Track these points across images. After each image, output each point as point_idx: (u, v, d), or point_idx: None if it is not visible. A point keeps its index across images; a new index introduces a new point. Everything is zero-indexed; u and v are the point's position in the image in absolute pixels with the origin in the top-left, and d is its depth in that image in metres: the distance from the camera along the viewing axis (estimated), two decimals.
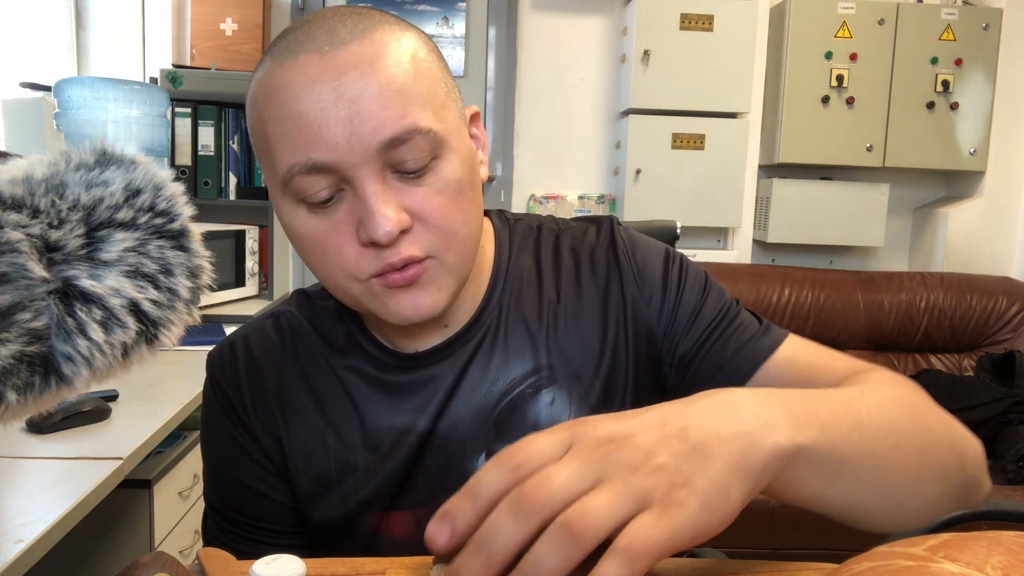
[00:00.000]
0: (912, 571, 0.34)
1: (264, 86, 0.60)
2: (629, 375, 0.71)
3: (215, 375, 0.74)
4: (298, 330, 0.74)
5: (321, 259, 0.62)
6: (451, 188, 0.61)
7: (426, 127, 0.59)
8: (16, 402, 0.39)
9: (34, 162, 0.42)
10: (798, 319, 2.54)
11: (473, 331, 0.70)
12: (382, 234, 0.57)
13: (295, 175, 0.58)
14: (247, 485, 0.72)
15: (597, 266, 0.73)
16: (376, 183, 0.58)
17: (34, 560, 0.88)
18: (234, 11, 2.60)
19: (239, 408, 0.72)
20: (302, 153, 0.57)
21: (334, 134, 0.57)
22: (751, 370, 0.67)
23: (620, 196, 2.87)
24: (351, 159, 0.57)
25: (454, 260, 0.63)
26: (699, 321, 0.71)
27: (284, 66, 0.59)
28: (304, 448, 0.71)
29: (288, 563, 0.45)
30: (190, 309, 0.45)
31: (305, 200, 0.60)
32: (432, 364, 0.70)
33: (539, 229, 0.77)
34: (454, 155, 0.62)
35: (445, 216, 0.61)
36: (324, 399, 0.71)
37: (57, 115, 1.91)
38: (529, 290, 0.73)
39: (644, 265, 0.73)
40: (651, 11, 2.69)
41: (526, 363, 0.70)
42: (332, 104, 0.57)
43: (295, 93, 0.57)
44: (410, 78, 0.59)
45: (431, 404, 0.69)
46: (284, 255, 2.87)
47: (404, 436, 0.69)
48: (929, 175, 3.06)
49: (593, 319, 0.72)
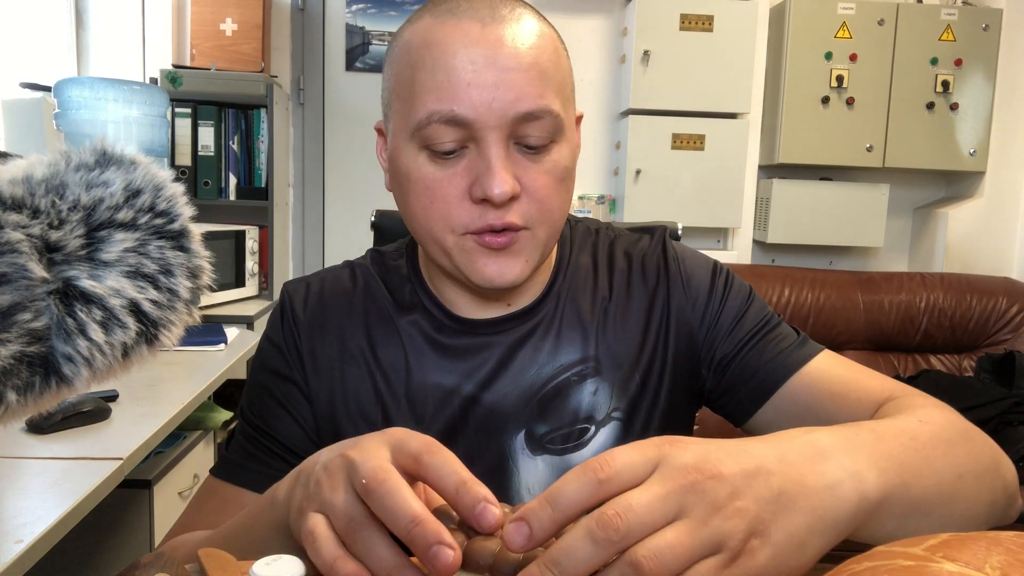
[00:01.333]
0: (911, 571, 0.34)
1: (423, 37, 0.65)
2: (667, 372, 0.76)
3: (286, 301, 0.78)
4: (369, 282, 0.79)
5: (427, 204, 0.66)
6: (559, 172, 0.67)
7: (556, 111, 0.65)
8: (16, 402, 0.39)
9: (34, 162, 0.42)
10: (798, 319, 2.54)
11: (532, 314, 0.75)
12: (498, 193, 0.62)
13: (433, 122, 0.63)
14: (276, 398, 0.76)
15: (647, 270, 0.79)
16: (502, 148, 0.64)
17: (34, 560, 0.88)
18: (234, 11, 2.60)
19: (298, 336, 0.76)
20: (447, 104, 0.63)
21: (480, 94, 0.62)
22: (783, 379, 0.72)
23: (620, 196, 2.87)
24: (487, 120, 0.63)
25: (545, 236, 0.68)
26: (739, 328, 0.76)
27: (447, 24, 0.64)
28: (355, 390, 0.74)
29: (288, 563, 0.45)
30: (190, 309, 0.45)
31: (430, 147, 0.65)
32: (488, 334, 0.74)
33: (597, 233, 0.83)
34: (567, 144, 0.68)
35: (549, 195, 0.67)
36: (380, 348, 0.75)
37: (57, 115, 1.91)
38: (585, 286, 0.78)
39: (692, 273, 0.78)
40: (651, 11, 2.69)
41: (575, 352, 0.75)
42: (484, 68, 0.62)
43: (454, 49, 0.63)
44: (552, 66, 0.66)
45: (480, 372, 0.74)
46: (284, 255, 2.87)
47: (448, 397, 0.73)
48: (929, 175, 3.06)
49: (638, 318, 0.77)
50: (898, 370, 2.57)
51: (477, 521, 0.41)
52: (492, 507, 0.41)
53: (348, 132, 2.98)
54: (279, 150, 2.70)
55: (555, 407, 0.73)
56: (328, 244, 3.04)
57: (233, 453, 0.76)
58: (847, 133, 2.77)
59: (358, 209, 2.99)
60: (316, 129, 2.99)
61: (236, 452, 0.76)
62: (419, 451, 0.44)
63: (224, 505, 0.72)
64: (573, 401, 0.74)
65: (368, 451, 0.45)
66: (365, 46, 2.97)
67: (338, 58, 2.97)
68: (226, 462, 0.75)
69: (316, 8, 2.94)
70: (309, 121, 2.99)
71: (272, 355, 0.77)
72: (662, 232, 0.82)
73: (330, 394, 0.75)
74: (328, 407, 0.75)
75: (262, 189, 2.66)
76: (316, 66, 2.97)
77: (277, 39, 2.87)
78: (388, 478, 0.42)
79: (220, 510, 0.71)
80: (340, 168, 3.00)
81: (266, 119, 2.61)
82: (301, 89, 2.96)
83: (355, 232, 2.98)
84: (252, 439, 0.75)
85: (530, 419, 0.73)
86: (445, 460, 0.43)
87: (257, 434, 0.75)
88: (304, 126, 2.99)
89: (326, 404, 0.75)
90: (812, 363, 0.72)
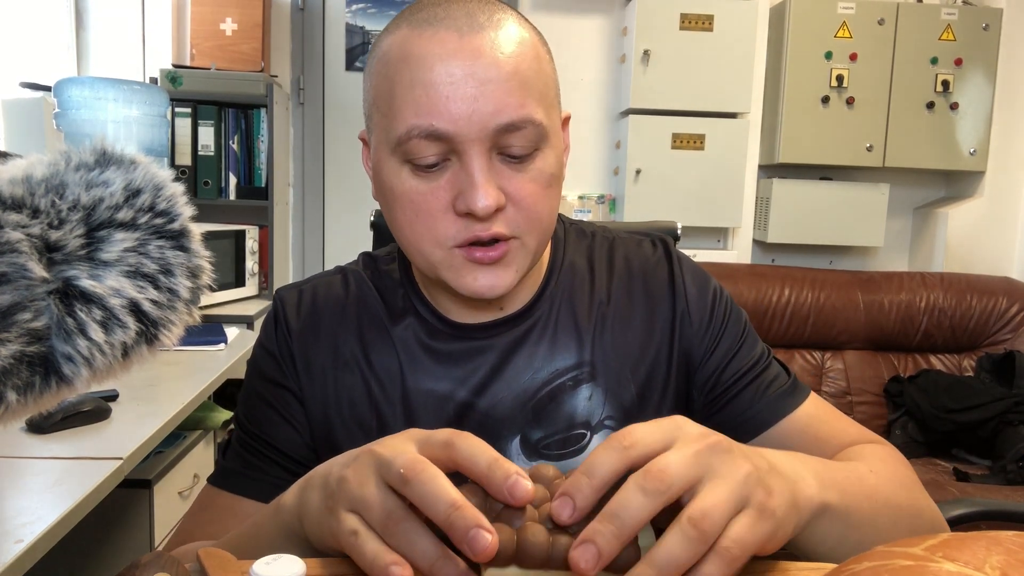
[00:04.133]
0: (911, 570, 0.34)
1: (400, 49, 0.64)
2: (663, 386, 0.75)
3: (279, 308, 0.78)
4: (362, 288, 0.78)
5: (411, 219, 0.65)
6: (545, 179, 0.66)
7: (538, 120, 0.64)
8: (16, 402, 0.39)
9: (34, 162, 0.42)
10: (798, 319, 2.54)
11: (525, 317, 0.75)
12: (482, 206, 0.62)
13: (413, 137, 0.62)
14: (272, 405, 0.75)
15: (651, 279, 0.78)
16: (484, 160, 0.63)
17: (34, 560, 0.88)
18: (234, 11, 2.60)
19: (291, 342, 0.76)
20: (425, 118, 0.62)
21: (459, 108, 0.61)
22: (772, 421, 0.73)
23: (620, 196, 2.87)
24: (468, 134, 0.62)
25: (534, 244, 0.67)
26: (731, 366, 0.76)
27: (424, 36, 0.63)
28: (349, 397, 0.74)
29: (288, 563, 0.45)
30: (190, 309, 0.45)
31: (412, 162, 0.64)
32: (482, 338, 0.74)
33: (592, 236, 0.82)
34: (552, 151, 0.67)
35: (536, 203, 0.66)
36: (373, 354, 0.75)
37: (57, 115, 1.91)
38: (581, 289, 0.77)
39: (699, 291, 0.78)
40: (651, 11, 2.69)
41: (571, 357, 0.74)
42: (463, 81, 0.62)
43: (431, 63, 0.62)
44: (532, 73, 0.65)
45: (474, 377, 0.73)
46: (284, 255, 2.87)
47: (442, 403, 0.72)
48: (929, 175, 3.06)
49: (639, 327, 0.76)
50: (898, 370, 2.57)
51: (511, 493, 0.43)
52: (523, 480, 0.43)
53: (348, 132, 2.98)
54: (279, 150, 2.70)
55: (550, 412, 0.73)
56: (328, 244, 3.04)
57: (230, 461, 0.75)
58: (847, 133, 2.77)
59: (358, 209, 2.99)
60: (316, 129, 2.99)
61: (233, 460, 0.75)
62: (447, 438, 0.45)
63: (223, 514, 0.72)
64: (568, 406, 0.73)
65: (395, 446, 0.46)
66: (365, 46, 2.97)
67: (338, 58, 2.97)
68: (223, 471, 0.75)
69: (316, 8, 2.94)
70: (309, 121, 2.99)
71: (266, 362, 0.77)
72: (667, 242, 0.81)
73: (324, 401, 0.74)
74: (322, 413, 0.74)
75: (262, 189, 2.66)
76: (316, 66, 2.97)
77: (277, 39, 2.87)
78: (425, 467, 0.44)
79: (219, 519, 0.71)
80: (340, 168, 3.00)
81: (266, 119, 2.61)
82: (301, 89, 2.96)
83: (355, 232, 2.98)
84: (249, 447, 0.75)
85: (525, 424, 0.73)
86: (473, 442, 0.45)
87: (254, 442, 0.75)
88: (304, 126, 2.99)
89: (320, 410, 0.74)
90: (801, 409, 0.74)
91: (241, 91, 2.52)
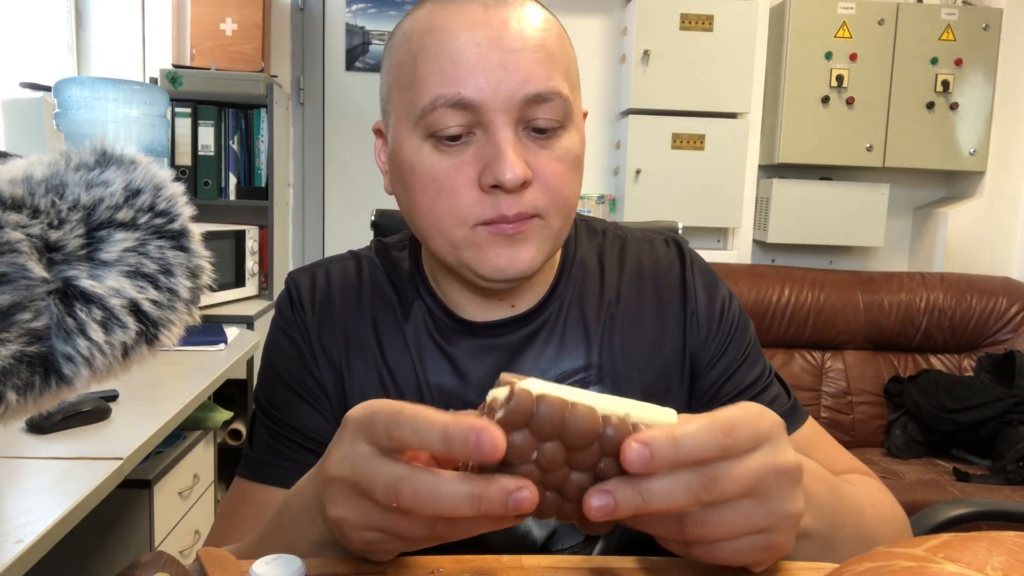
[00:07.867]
0: (912, 571, 0.34)
1: (425, 23, 0.63)
2: (668, 391, 0.74)
3: (292, 289, 0.77)
4: (376, 276, 0.77)
5: (433, 198, 0.64)
6: (570, 159, 0.65)
7: (566, 94, 0.63)
8: (16, 402, 0.39)
9: (34, 162, 0.42)
10: (798, 319, 2.54)
11: (535, 316, 0.73)
12: (510, 177, 0.60)
13: (438, 107, 0.61)
14: (294, 390, 0.74)
15: (662, 280, 0.76)
16: (511, 131, 0.61)
17: (34, 560, 0.88)
18: (234, 11, 2.60)
19: (307, 325, 0.74)
20: (451, 87, 0.61)
21: (487, 76, 0.60)
22: None
23: (620, 196, 2.87)
24: (495, 103, 0.61)
25: (558, 225, 0.66)
26: (732, 380, 0.75)
27: (448, 9, 0.63)
28: (361, 382, 0.73)
29: (288, 563, 0.44)
30: (190, 309, 0.45)
31: (436, 134, 0.62)
32: (491, 336, 0.72)
33: (603, 233, 0.80)
34: (576, 132, 0.66)
35: (562, 181, 0.64)
36: (386, 345, 0.74)
37: (57, 115, 1.91)
38: (591, 288, 0.76)
39: (709, 299, 0.76)
40: (651, 11, 2.69)
41: (578, 358, 0.73)
42: (490, 50, 0.61)
43: (456, 32, 0.61)
44: (558, 50, 0.64)
45: (480, 377, 0.72)
46: (284, 255, 2.87)
47: (449, 400, 0.71)
48: (929, 175, 3.06)
49: (648, 329, 0.75)
50: (898, 370, 2.57)
51: (479, 451, 0.38)
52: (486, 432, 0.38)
53: (348, 132, 2.98)
54: (279, 150, 2.70)
55: None
56: (328, 244, 3.04)
57: (259, 452, 0.73)
58: (847, 133, 2.77)
59: (358, 209, 2.99)
60: (316, 129, 2.99)
61: (261, 450, 0.73)
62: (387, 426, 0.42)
63: (258, 508, 0.70)
64: None
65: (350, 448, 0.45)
66: (365, 46, 2.97)
67: (338, 58, 2.97)
68: (252, 461, 0.73)
69: (316, 8, 2.94)
70: (309, 121, 2.99)
71: (284, 345, 0.75)
72: (680, 242, 0.80)
73: (338, 384, 0.73)
74: (339, 396, 0.73)
75: (262, 189, 2.66)
76: (316, 66, 2.96)
77: (277, 39, 2.87)
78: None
79: (254, 514, 0.69)
80: (340, 168, 3.00)
81: (266, 119, 2.61)
82: (301, 89, 2.96)
83: (355, 232, 2.98)
84: (275, 434, 0.73)
85: None
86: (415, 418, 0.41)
87: (279, 428, 0.73)
88: (304, 126, 2.99)
89: (336, 393, 0.73)
90: (797, 433, 0.73)
91: (241, 91, 2.52)
